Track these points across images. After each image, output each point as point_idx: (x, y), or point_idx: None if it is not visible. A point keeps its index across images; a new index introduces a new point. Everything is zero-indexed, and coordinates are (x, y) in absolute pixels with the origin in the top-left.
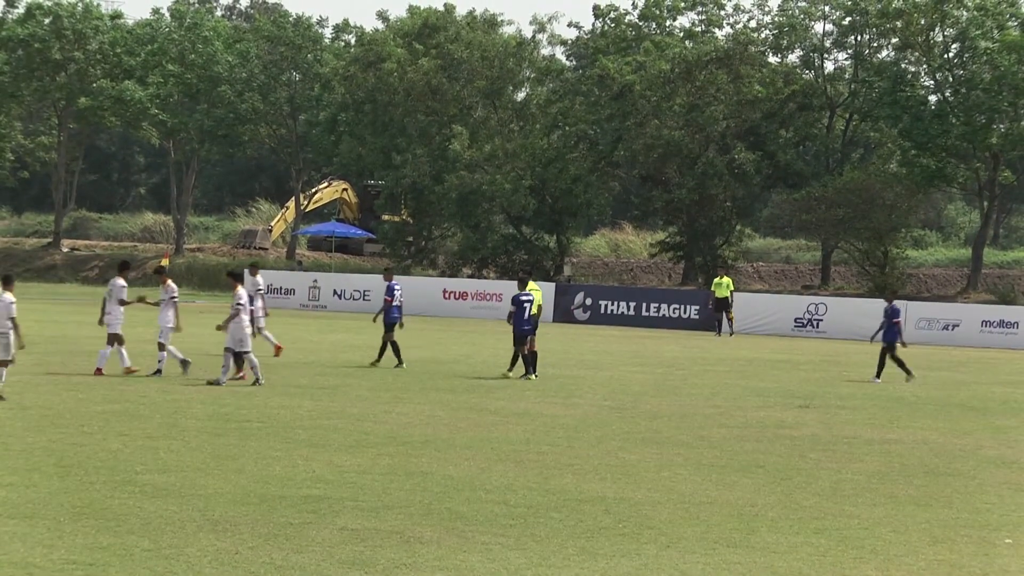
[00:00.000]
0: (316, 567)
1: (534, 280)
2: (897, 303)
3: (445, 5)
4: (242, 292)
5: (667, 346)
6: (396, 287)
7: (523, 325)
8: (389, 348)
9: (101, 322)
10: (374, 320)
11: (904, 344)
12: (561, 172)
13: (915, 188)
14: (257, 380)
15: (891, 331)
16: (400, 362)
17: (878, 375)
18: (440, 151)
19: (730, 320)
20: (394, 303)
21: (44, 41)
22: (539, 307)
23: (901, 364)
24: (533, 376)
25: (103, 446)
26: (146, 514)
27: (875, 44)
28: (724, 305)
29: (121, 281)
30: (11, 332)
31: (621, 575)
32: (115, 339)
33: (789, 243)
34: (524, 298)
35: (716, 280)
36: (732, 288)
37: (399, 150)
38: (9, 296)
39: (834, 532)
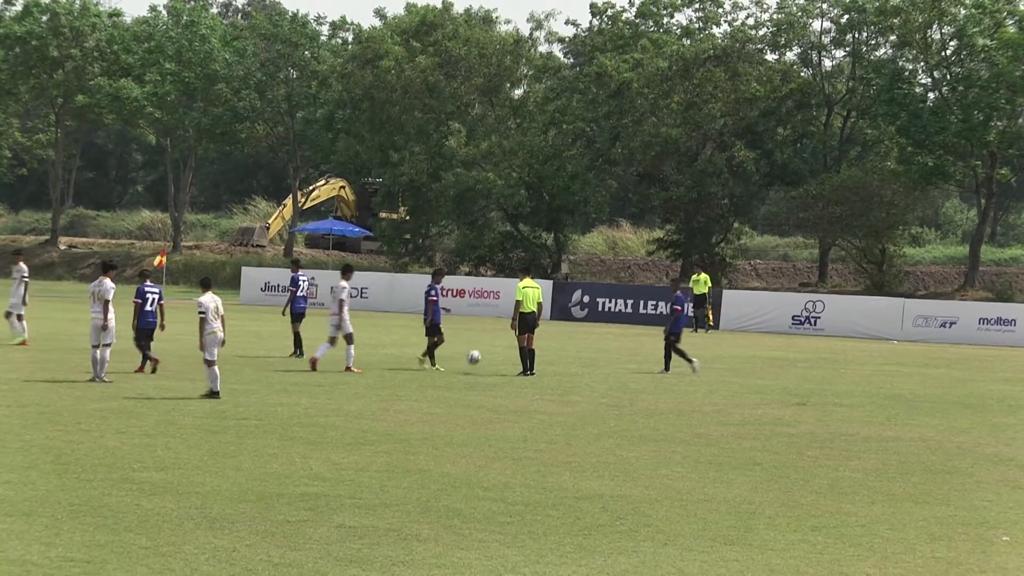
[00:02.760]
0: (313, 565)
1: (531, 278)
2: (681, 293)
3: (443, 2)
4: None
5: (664, 344)
6: (301, 278)
7: (436, 317)
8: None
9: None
10: (283, 313)
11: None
12: (559, 170)
13: (913, 185)
14: None
15: (677, 320)
16: (296, 351)
17: (692, 367)
18: (437, 149)
19: (706, 317)
20: (299, 294)
21: (41, 38)
22: (539, 304)
23: (669, 355)
24: (530, 374)
25: (100, 443)
26: (144, 511)
27: (873, 42)
28: (702, 301)
29: (344, 283)
30: (220, 331)
31: (619, 572)
32: (348, 338)
33: (787, 241)
34: (436, 290)
35: (694, 277)
36: (710, 285)
37: (396, 148)
38: (210, 297)
39: (831, 530)
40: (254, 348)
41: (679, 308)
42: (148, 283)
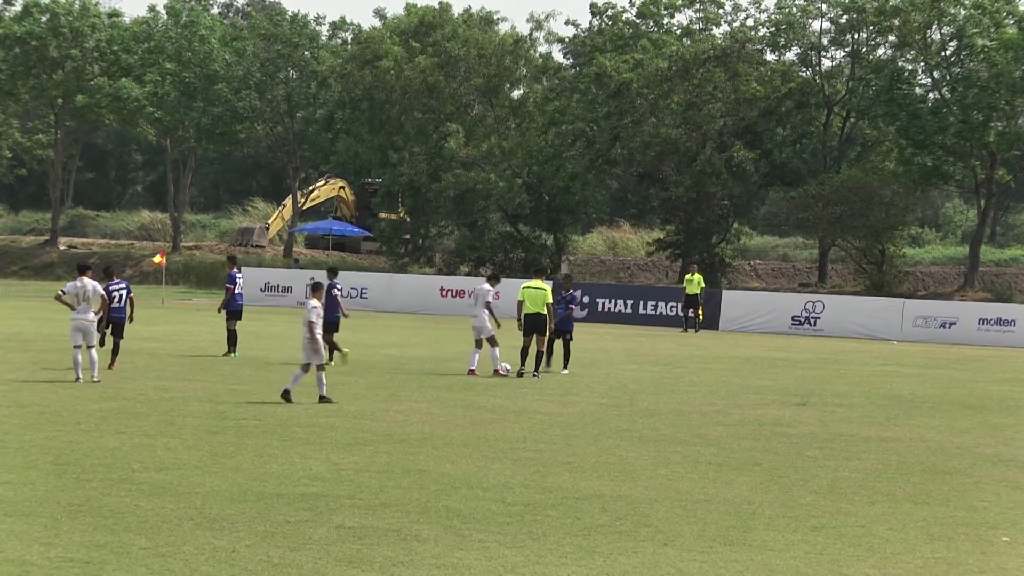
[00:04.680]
0: (313, 565)
1: (543, 279)
2: (573, 291)
3: (441, 3)
4: None
5: (664, 344)
6: (237, 275)
7: (335, 312)
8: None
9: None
10: (219, 311)
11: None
12: (558, 170)
13: (912, 186)
14: None
15: (569, 319)
16: (231, 350)
17: (565, 366)
18: (437, 149)
19: (699, 317)
20: (236, 291)
21: (41, 39)
22: (548, 305)
23: (547, 353)
24: (534, 375)
25: (100, 444)
26: (143, 512)
27: (872, 42)
28: (694, 302)
29: (487, 286)
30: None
31: (618, 573)
32: (491, 341)
33: (786, 241)
34: (336, 287)
35: (688, 277)
36: (703, 285)
37: (396, 148)
38: (314, 301)
39: (831, 530)
40: (254, 348)
41: (574, 307)
42: (114, 280)
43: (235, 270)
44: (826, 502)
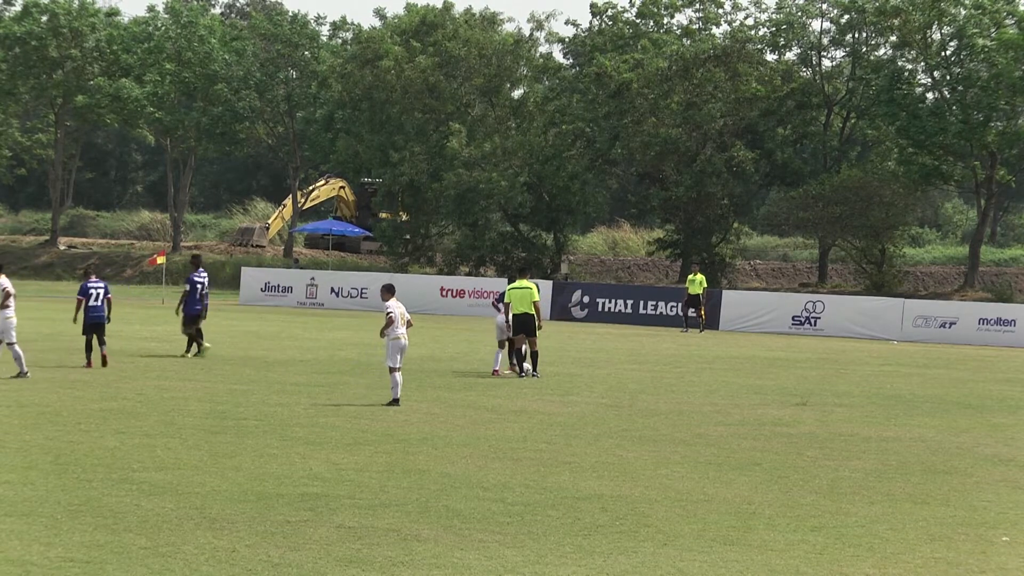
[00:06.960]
0: (313, 565)
1: (529, 278)
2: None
3: (443, 3)
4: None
5: (664, 344)
6: (195, 278)
7: (194, 306)
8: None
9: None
10: (176, 312)
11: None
12: (558, 170)
13: (912, 186)
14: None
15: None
16: (191, 350)
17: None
18: (437, 149)
19: (701, 317)
20: (196, 295)
21: (41, 39)
22: (534, 304)
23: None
24: (533, 375)
25: (100, 444)
26: (143, 512)
27: (872, 42)
28: (696, 302)
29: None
30: (404, 338)
31: (618, 573)
32: (500, 344)
33: (786, 241)
34: (196, 279)
35: (690, 277)
36: (705, 285)
37: (396, 148)
38: (395, 303)
39: (831, 530)
40: (254, 348)
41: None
42: (92, 279)
43: (195, 273)
44: (826, 502)
